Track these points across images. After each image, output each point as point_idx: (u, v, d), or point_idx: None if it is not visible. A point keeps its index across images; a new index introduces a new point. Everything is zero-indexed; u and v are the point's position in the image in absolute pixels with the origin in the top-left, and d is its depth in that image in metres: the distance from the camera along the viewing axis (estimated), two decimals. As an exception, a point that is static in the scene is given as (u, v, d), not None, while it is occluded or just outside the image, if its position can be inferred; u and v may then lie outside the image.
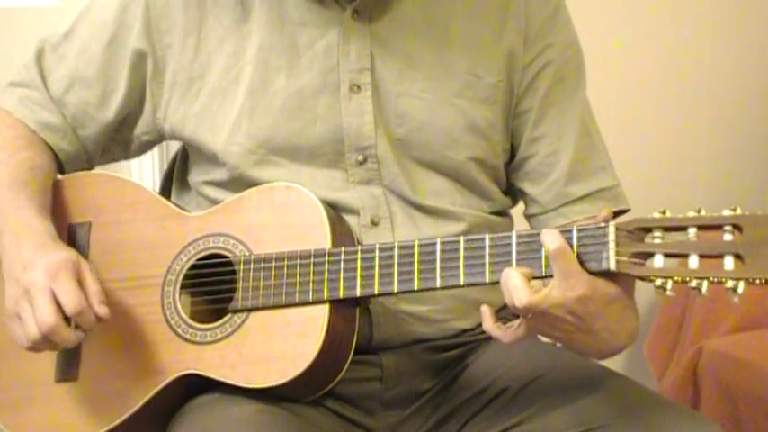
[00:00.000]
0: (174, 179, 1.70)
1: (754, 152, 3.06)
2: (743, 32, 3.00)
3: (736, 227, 1.22)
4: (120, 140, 1.66)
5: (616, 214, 1.57)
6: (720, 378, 2.37)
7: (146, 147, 1.68)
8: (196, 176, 1.60)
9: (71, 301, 1.38)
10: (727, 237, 1.22)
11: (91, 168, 1.67)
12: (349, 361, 1.45)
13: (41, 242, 1.46)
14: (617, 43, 2.77)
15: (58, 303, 1.38)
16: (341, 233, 1.46)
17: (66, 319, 1.39)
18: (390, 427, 1.55)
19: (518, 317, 1.35)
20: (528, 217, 1.61)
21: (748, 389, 2.32)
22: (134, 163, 2.31)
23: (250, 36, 1.53)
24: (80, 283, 1.40)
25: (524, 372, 1.49)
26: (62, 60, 1.63)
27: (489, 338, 1.55)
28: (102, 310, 1.40)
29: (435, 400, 1.55)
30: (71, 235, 1.57)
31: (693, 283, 1.22)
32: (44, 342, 1.40)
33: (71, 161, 1.63)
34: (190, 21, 1.56)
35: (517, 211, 1.66)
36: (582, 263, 1.28)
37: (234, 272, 1.47)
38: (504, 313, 1.56)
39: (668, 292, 1.24)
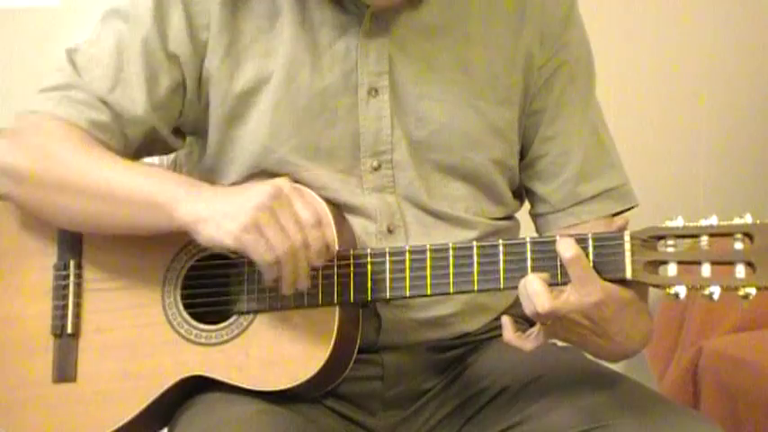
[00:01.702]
0: None
1: (755, 152, 3.06)
2: (743, 32, 3.00)
3: (747, 235, 1.24)
4: (163, 143, 1.59)
5: (624, 211, 1.59)
6: (720, 378, 2.38)
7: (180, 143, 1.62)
8: (205, 176, 1.56)
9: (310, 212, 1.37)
10: (738, 245, 1.25)
11: None
12: (352, 361, 1.45)
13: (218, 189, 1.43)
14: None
15: None
16: (345, 235, 1.46)
17: None
18: (391, 426, 1.55)
19: (527, 319, 1.36)
20: (535, 216, 1.62)
21: (748, 389, 2.32)
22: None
23: (280, 35, 1.50)
24: None
25: (525, 371, 1.49)
26: (98, 62, 1.53)
27: (491, 338, 1.57)
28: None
29: (436, 400, 1.55)
30: (61, 231, 1.54)
31: (706, 291, 1.25)
32: (291, 261, 1.35)
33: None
34: (224, 17, 1.50)
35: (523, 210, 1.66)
36: (598, 271, 1.30)
37: (237, 272, 1.46)
38: (511, 314, 1.58)
39: (681, 299, 1.27)
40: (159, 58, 1.51)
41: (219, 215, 1.35)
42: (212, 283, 1.47)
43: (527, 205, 1.64)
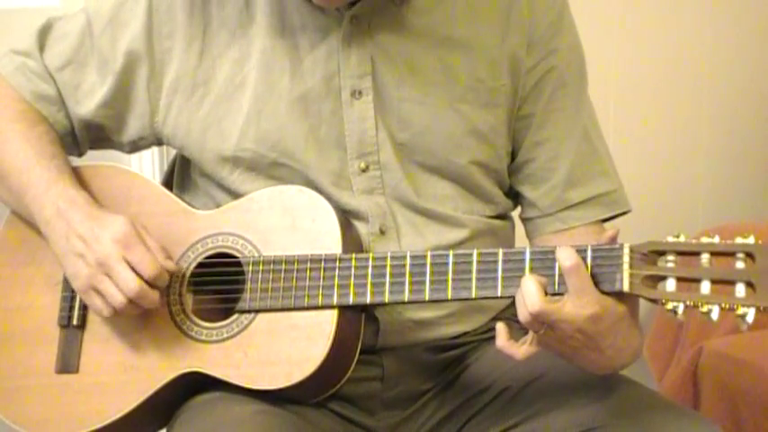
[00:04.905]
0: (175, 179, 1.69)
1: (755, 153, 3.06)
2: (743, 32, 2.99)
3: (749, 255, 1.23)
4: (106, 141, 1.65)
5: (616, 217, 1.59)
6: (720, 378, 2.37)
7: (140, 148, 1.67)
8: (203, 178, 1.59)
9: (148, 267, 1.43)
10: (740, 264, 1.23)
11: (79, 156, 1.67)
12: (353, 365, 1.46)
13: (89, 212, 1.48)
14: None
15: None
16: (350, 239, 1.46)
17: None
18: (391, 427, 1.55)
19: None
20: (524, 220, 1.62)
21: (748, 389, 2.31)
22: (134, 162, 2.30)
23: (254, 40, 1.52)
24: (144, 244, 1.45)
25: (524, 372, 1.49)
26: (64, 38, 1.62)
27: (489, 339, 1.55)
28: (170, 265, 1.45)
29: (436, 401, 1.56)
30: None
31: (704, 309, 1.23)
32: (129, 308, 1.44)
33: (63, 137, 1.62)
34: (194, 26, 1.54)
35: (517, 212, 1.66)
36: (595, 283, 1.29)
37: (241, 272, 1.47)
38: (508, 314, 1.58)
39: (679, 316, 1.25)
40: (112, 54, 1.57)
41: (67, 264, 1.48)
42: (217, 281, 1.48)
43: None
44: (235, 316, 1.46)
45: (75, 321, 1.52)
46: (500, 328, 1.35)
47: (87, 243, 1.45)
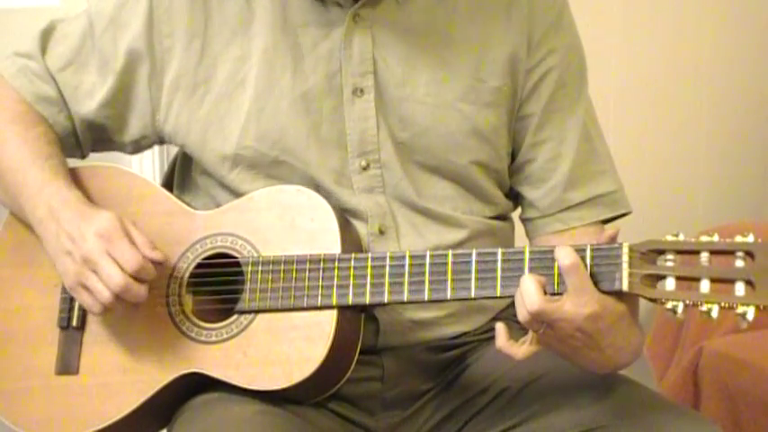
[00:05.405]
0: (176, 179, 1.69)
1: (755, 153, 3.06)
2: (743, 32, 2.99)
3: (749, 254, 1.23)
4: (108, 142, 1.65)
5: (616, 218, 1.59)
6: (720, 378, 2.37)
7: (143, 148, 1.67)
8: (204, 177, 1.59)
9: (130, 260, 1.42)
10: (740, 263, 1.23)
11: (82, 158, 1.67)
12: (353, 365, 1.45)
13: (79, 210, 1.48)
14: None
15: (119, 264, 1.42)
16: (350, 239, 1.46)
17: None
18: (391, 427, 1.55)
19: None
20: (524, 220, 1.62)
21: (748, 389, 2.32)
22: (135, 163, 2.31)
23: (255, 38, 1.52)
24: (128, 238, 1.44)
25: (524, 372, 1.49)
26: (65, 39, 1.62)
27: (489, 339, 1.54)
28: (157, 255, 1.44)
29: (436, 401, 1.56)
30: None
31: (704, 308, 1.23)
32: (117, 303, 1.43)
33: (64, 139, 1.62)
34: (195, 24, 1.55)
35: (517, 214, 1.66)
36: (594, 282, 1.29)
37: (241, 272, 1.46)
38: (507, 314, 1.57)
39: (678, 315, 1.25)
40: (113, 53, 1.57)
41: (57, 263, 1.48)
42: (217, 282, 1.48)
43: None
44: (234, 316, 1.45)
45: (74, 323, 1.53)
46: (500, 328, 1.35)
47: (74, 240, 1.45)
